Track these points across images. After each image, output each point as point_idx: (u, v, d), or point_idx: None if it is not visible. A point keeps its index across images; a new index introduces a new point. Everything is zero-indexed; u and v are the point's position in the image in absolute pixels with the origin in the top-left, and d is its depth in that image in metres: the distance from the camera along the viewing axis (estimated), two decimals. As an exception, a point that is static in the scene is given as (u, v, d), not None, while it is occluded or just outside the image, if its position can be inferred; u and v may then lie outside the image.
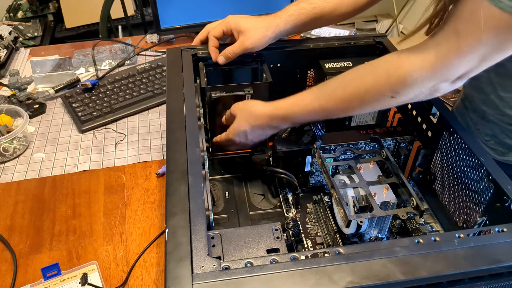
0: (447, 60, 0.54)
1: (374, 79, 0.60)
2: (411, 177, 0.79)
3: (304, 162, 0.76)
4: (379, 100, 0.61)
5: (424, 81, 0.56)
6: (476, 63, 0.53)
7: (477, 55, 0.52)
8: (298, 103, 0.67)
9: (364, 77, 0.62)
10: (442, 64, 0.54)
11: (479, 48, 0.51)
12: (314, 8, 0.77)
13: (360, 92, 0.61)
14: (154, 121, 1.03)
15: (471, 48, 0.52)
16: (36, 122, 1.03)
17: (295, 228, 0.68)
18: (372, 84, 0.60)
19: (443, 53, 0.54)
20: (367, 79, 0.61)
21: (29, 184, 0.86)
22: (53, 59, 1.19)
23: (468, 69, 0.54)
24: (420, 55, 0.56)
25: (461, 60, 0.53)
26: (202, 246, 0.47)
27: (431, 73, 0.55)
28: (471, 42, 0.51)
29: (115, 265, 0.71)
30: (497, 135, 0.81)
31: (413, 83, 0.57)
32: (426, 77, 0.56)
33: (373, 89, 0.60)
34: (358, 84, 0.62)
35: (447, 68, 0.55)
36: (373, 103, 0.62)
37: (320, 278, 0.43)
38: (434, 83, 0.56)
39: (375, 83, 0.60)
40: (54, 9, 2.07)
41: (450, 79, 0.56)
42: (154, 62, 1.19)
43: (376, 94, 0.60)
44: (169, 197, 0.53)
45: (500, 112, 0.78)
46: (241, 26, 0.76)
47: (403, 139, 0.76)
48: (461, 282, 0.46)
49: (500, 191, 0.56)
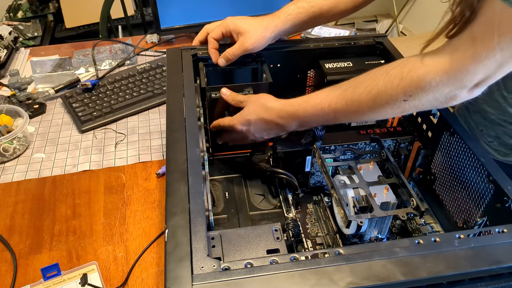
0: (463, 65, 0.52)
1: (387, 80, 0.58)
2: (411, 178, 0.79)
3: (304, 163, 0.76)
4: (391, 103, 0.58)
5: (438, 86, 0.54)
6: (493, 69, 0.51)
7: (493, 61, 0.50)
8: (308, 101, 0.66)
9: (376, 78, 0.60)
10: (457, 69, 0.52)
11: (495, 53, 0.49)
12: (313, 7, 0.77)
13: (371, 93, 0.59)
14: (154, 121, 1.03)
15: (488, 53, 0.50)
16: (36, 122, 1.03)
17: (295, 229, 0.68)
18: (384, 85, 0.58)
19: (459, 57, 0.52)
20: (379, 80, 0.59)
21: (29, 184, 0.86)
22: (53, 59, 1.19)
23: (485, 75, 0.52)
24: (436, 59, 0.54)
25: (477, 65, 0.51)
26: (202, 247, 0.47)
27: (445, 77, 0.53)
28: (487, 46, 0.49)
29: (115, 265, 0.71)
30: (500, 136, 0.81)
31: (427, 86, 0.55)
32: (441, 81, 0.54)
33: (385, 91, 0.58)
34: (370, 84, 0.60)
35: (463, 74, 0.52)
36: (385, 106, 0.59)
37: (320, 279, 0.43)
38: (450, 89, 0.54)
39: (387, 84, 0.58)
40: (54, 9, 2.07)
41: (467, 86, 0.53)
42: (154, 62, 1.19)
43: (388, 96, 0.58)
44: (169, 197, 0.53)
45: (503, 112, 0.77)
46: (240, 28, 0.76)
47: (403, 139, 0.76)
48: (461, 282, 0.46)
49: (500, 192, 0.56)
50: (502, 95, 0.76)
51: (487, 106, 0.80)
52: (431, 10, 2.61)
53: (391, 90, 0.57)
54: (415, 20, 2.82)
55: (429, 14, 2.64)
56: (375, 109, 0.60)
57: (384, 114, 0.62)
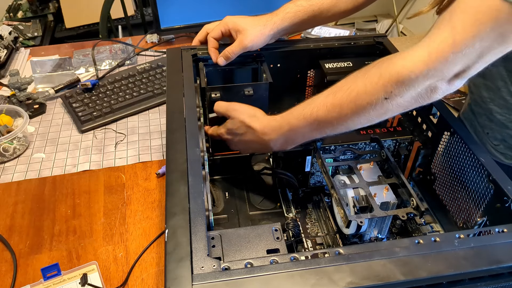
0: (441, 55, 0.50)
1: (366, 80, 0.57)
2: (411, 178, 0.79)
3: (304, 163, 0.76)
4: (372, 103, 0.56)
5: (418, 78, 0.52)
6: (473, 58, 0.50)
7: (474, 50, 0.49)
8: (291, 112, 0.64)
9: (355, 80, 0.58)
10: (435, 59, 0.51)
11: (475, 42, 0.48)
12: (312, 5, 0.77)
13: (351, 95, 0.58)
14: (154, 121, 1.03)
15: (467, 42, 0.48)
16: (36, 122, 1.03)
17: (295, 229, 0.68)
18: (363, 84, 0.57)
19: (437, 47, 0.51)
20: (358, 81, 0.58)
21: (29, 184, 0.86)
22: (53, 59, 1.19)
23: (465, 65, 0.51)
24: (413, 51, 0.53)
25: (457, 54, 0.50)
26: (202, 247, 0.47)
27: (425, 68, 0.51)
28: (466, 35, 0.48)
29: (115, 265, 0.71)
30: (507, 139, 0.80)
31: (406, 79, 0.53)
32: (420, 73, 0.52)
33: (365, 91, 0.56)
34: (349, 87, 0.58)
35: (442, 63, 0.51)
36: (367, 108, 0.57)
37: (320, 279, 0.43)
38: (430, 82, 0.52)
39: (366, 83, 0.56)
40: (54, 9, 2.07)
41: (446, 77, 0.52)
42: (154, 62, 1.19)
43: (369, 95, 0.56)
44: (169, 197, 0.53)
45: (509, 111, 0.77)
46: (239, 26, 0.76)
47: (403, 139, 0.76)
48: (461, 282, 0.46)
49: (500, 192, 0.56)
50: (509, 91, 0.75)
51: (494, 105, 0.79)
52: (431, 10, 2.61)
53: (371, 88, 0.56)
54: (415, 20, 2.82)
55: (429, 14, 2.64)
56: (358, 112, 0.58)
57: (367, 117, 0.59)
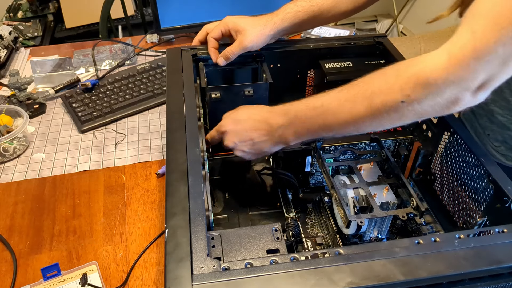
0: (462, 61, 0.47)
1: (383, 79, 0.54)
2: (411, 178, 0.79)
3: (304, 163, 0.76)
4: (388, 104, 0.53)
5: (438, 83, 0.49)
6: (497, 66, 0.47)
7: (496, 57, 0.46)
8: (301, 101, 0.62)
9: (372, 79, 0.56)
10: (456, 64, 0.48)
11: (497, 49, 0.45)
12: (312, 6, 0.77)
13: (366, 92, 0.55)
14: (154, 121, 1.03)
15: (488, 48, 0.46)
16: (36, 122, 1.03)
17: (295, 229, 0.68)
18: (380, 84, 0.54)
19: (457, 52, 0.48)
20: (375, 80, 0.56)
21: (29, 184, 0.86)
22: (53, 59, 1.19)
23: (489, 74, 0.48)
24: (433, 54, 0.50)
25: (479, 61, 0.47)
26: (202, 247, 0.47)
27: (445, 74, 0.49)
28: (488, 41, 0.46)
29: (115, 265, 0.71)
30: (508, 141, 0.80)
31: (424, 83, 0.50)
32: (439, 77, 0.49)
33: (381, 90, 0.54)
34: (365, 85, 0.56)
35: (464, 70, 0.48)
36: (381, 109, 0.54)
37: (320, 279, 0.43)
38: (451, 90, 0.49)
39: (383, 83, 0.54)
40: (54, 9, 2.07)
41: (470, 87, 0.49)
42: (154, 62, 1.19)
43: (385, 96, 0.53)
44: (169, 198, 0.53)
45: (511, 112, 0.77)
46: (238, 26, 0.76)
47: (403, 139, 0.76)
48: (461, 282, 0.46)
49: (500, 192, 0.56)
50: None
51: (495, 106, 0.79)
52: (431, 10, 2.61)
53: (388, 89, 0.54)
54: (415, 20, 2.82)
55: (429, 14, 2.64)
56: (371, 112, 0.55)
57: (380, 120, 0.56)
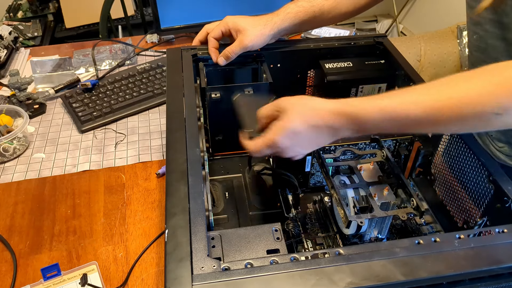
0: None
1: (472, 84, 0.47)
2: (411, 178, 0.79)
3: (304, 163, 0.76)
4: (477, 115, 0.46)
5: None
6: None
7: None
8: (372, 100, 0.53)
9: (458, 83, 0.49)
10: None
11: None
12: (313, 6, 0.77)
13: (451, 100, 0.47)
14: (154, 121, 1.03)
15: None
16: (36, 122, 1.03)
17: (295, 229, 0.68)
18: (467, 90, 0.47)
19: None
20: (461, 85, 0.48)
21: (29, 184, 0.86)
22: (53, 59, 1.19)
23: None
24: None
25: None
26: (202, 247, 0.47)
27: None
28: None
29: (115, 266, 0.71)
30: (511, 141, 0.80)
31: None
32: None
33: (468, 98, 0.46)
34: (450, 89, 0.49)
35: None
36: (470, 120, 0.47)
37: (320, 279, 0.43)
38: None
39: (471, 89, 0.47)
40: (54, 9, 2.07)
41: None
42: (154, 62, 1.19)
43: (473, 105, 0.46)
44: (169, 198, 0.53)
45: None
46: (239, 26, 0.76)
47: (403, 139, 0.76)
48: (461, 283, 0.46)
49: (501, 192, 0.56)
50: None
51: None
52: (431, 10, 2.61)
53: (478, 97, 0.46)
54: (415, 20, 2.82)
55: (429, 14, 2.64)
56: (458, 123, 0.49)
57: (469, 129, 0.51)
